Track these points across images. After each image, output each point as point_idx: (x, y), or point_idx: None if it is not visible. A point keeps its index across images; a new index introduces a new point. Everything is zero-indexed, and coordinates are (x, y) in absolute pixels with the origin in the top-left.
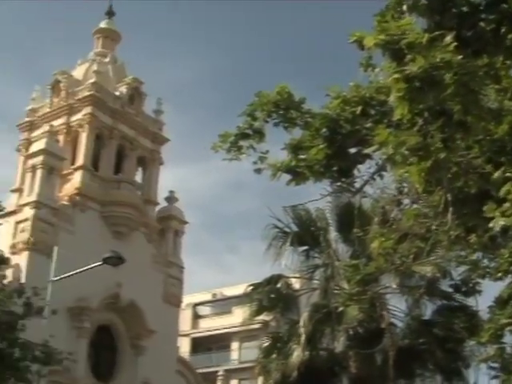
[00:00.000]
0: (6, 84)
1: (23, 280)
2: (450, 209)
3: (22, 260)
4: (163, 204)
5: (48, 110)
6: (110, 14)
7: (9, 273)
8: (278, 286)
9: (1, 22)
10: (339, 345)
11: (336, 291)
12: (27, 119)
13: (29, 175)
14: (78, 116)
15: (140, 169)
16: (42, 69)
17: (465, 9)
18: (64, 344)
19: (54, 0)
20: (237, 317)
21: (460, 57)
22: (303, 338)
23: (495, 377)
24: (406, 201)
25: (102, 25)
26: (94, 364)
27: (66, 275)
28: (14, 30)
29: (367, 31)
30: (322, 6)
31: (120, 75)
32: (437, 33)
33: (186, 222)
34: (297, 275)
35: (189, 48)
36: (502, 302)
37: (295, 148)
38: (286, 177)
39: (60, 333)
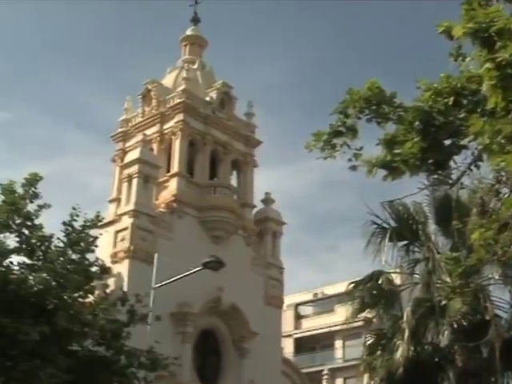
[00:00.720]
0: (98, 96)
1: (125, 288)
2: None
3: (123, 268)
4: (259, 206)
5: (140, 119)
6: (196, 20)
7: (111, 282)
8: (380, 282)
9: (88, 35)
10: (444, 338)
11: (438, 285)
12: (120, 130)
13: (125, 185)
14: (171, 124)
15: (234, 172)
16: (130, 79)
17: None
18: (169, 349)
19: (136, 10)
20: (339, 315)
21: None
22: (407, 333)
23: None
24: (505, 190)
25: (189, 32)
26: (199, 368)
27: (167, 281)
28: (100, 43)
29: (455, 21)
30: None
31: (209, 81)
32: None
33: (283, 223)
34: (397, 270)
35: (276, 49)
36: None
37: (389, 143)
38: (382, 172)
39: (164, 338)
